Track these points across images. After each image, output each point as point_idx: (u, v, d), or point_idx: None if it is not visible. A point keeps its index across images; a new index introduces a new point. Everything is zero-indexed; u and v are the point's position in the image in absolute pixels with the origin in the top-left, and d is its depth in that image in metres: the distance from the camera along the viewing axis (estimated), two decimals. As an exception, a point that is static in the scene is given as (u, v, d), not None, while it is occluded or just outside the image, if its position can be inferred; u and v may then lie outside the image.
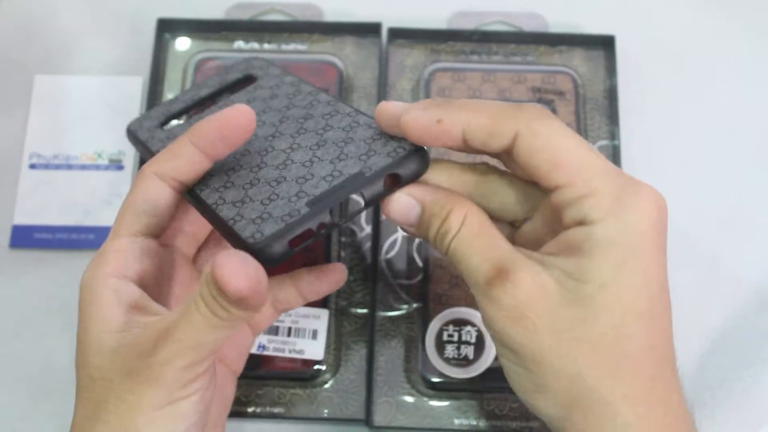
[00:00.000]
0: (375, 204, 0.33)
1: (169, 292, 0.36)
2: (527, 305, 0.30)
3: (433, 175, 0.34)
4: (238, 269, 0.28)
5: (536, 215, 0.34)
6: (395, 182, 0.32)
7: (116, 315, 0.32)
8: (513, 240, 0.35)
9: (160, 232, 0.35)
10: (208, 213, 0.34)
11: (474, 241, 0.32)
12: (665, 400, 0.30)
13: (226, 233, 0.33)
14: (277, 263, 0.31)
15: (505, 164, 0.34)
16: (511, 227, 0.35)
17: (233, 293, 0.28)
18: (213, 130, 0.33)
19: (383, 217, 0.45)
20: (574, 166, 0.30)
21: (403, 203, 0.33)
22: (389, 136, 0.34)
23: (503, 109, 0.31)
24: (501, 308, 0.31)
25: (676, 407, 0.30)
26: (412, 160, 0.33)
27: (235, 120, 0.33)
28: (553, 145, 0.30)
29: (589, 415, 0.30)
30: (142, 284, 0.34)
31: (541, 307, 0.30)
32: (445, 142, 0.32)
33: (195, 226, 0.38)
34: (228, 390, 0.38)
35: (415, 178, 0.33)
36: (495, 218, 0.34)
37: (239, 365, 0.39)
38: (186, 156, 0.33)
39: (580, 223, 0.30)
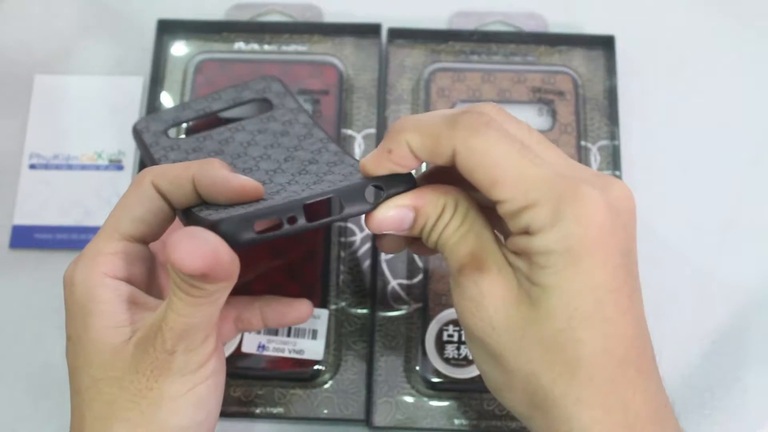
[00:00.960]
0: (353, 215, 0.33)
1: (160, 296, 0.37)
2: (487, 299, 0.31)
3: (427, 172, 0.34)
4: (188, 247, 0.28)
5: None
6: (378, 197, 0.33)
7: (119, 311, 0.32)
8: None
9: (151, 241, 0.35)
10: (186, 215, 0.34)
11: (460, 228, 0.32)
12: (626, 403, 0.30)
13: (198, 221, 0.32)
14: (243, 244, 0.31)
15: None
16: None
17: (189, 271, 0.28)
18: (220, 191, 0.33)
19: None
20: (511, 181, 0.30)
21: (393, 215, 0.33)
22: None
23: (438, 127, 0.31)
24: (464, 296, 0.32)
25: (638, 409, 0.30)
26: (398, 181, 0.33)
27: (246, 193, 0.33)
28: (490, 161, 0.30)
29: (547, 416, 0.30)
30: (136, 287, 0.34)
31: (498, 302, 0.31)
32: (408, 167, 0.33)
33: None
34: None
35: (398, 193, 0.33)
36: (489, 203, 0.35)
37: None
38: (187, 192, 0.33)
39: (524, 232, 0.31)
